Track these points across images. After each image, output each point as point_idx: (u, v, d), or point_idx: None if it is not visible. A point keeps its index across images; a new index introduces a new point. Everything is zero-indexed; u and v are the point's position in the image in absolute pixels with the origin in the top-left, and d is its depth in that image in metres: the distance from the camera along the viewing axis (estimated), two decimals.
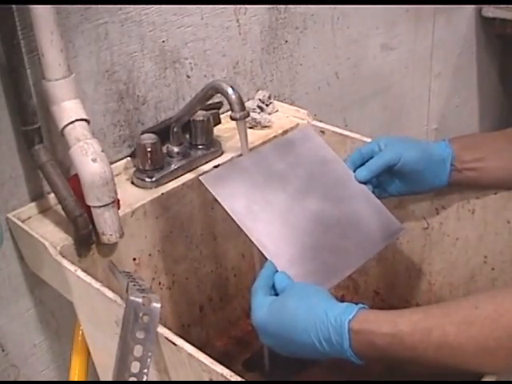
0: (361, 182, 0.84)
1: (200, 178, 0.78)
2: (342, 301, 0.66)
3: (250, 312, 0.69)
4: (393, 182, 0.85)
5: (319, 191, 0.83)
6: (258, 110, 1.07)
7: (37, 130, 0.81)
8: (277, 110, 1.11)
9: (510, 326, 0.57)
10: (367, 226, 0.81)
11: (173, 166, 0.93)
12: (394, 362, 0.62)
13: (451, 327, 0.58)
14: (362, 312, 0.63)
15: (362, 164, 0.84)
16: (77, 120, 0.78)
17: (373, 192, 0.84)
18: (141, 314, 0.64)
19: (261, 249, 0.74)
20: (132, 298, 0.65)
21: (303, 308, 0.65)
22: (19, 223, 0.84)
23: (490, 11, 1.64)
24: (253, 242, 0.74)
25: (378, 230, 0.82)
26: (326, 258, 0.77)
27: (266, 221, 0.77)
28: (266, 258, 0.74)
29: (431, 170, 0.83)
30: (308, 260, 0.76)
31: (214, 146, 0.97)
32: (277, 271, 0.72)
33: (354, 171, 0.84)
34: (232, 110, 0.81)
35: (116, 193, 0.80)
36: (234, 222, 0.75)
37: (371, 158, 0.84)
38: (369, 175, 0.83)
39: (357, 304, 0.64)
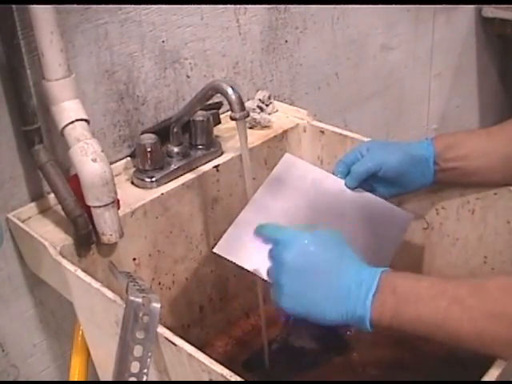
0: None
1: (214, 250, 0.79)
2: None
3: (277, 247, 0.67)
4: (380, 185, 0.86)
5: (324, 212, 0.84)
6: (258, 110, 1.07)
7: (37, 130, 0.81)
8: (277, 110, 1.10)
9: None
10: (381, 228, 0.83)
11: (173, 166, 0.93)
12: (402, 326, 0.63)
13: (464, 288, 0.61)
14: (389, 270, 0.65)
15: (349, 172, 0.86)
16: (77, 120, 0.78)
17: None
18: (141, 314, 0.64)
19: None
20: (132, 298, 0.65)
21: (333, 256, 0.66)
22: (19, 223, 0.84)
23: (490, 11, 1.64)
24: None
25: (390, 226, 0.83)
26: None
27: None
28: None
29: (415, 171, 0.84)
30: None
31: (213, 146, 0.97)
32: None
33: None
34: (232, 110, 0.81)
35: (116, 193, 0.80)
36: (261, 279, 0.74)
37: None
38: (355, 183, 0.85)
39: None
